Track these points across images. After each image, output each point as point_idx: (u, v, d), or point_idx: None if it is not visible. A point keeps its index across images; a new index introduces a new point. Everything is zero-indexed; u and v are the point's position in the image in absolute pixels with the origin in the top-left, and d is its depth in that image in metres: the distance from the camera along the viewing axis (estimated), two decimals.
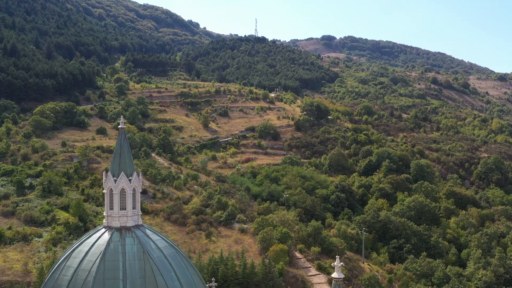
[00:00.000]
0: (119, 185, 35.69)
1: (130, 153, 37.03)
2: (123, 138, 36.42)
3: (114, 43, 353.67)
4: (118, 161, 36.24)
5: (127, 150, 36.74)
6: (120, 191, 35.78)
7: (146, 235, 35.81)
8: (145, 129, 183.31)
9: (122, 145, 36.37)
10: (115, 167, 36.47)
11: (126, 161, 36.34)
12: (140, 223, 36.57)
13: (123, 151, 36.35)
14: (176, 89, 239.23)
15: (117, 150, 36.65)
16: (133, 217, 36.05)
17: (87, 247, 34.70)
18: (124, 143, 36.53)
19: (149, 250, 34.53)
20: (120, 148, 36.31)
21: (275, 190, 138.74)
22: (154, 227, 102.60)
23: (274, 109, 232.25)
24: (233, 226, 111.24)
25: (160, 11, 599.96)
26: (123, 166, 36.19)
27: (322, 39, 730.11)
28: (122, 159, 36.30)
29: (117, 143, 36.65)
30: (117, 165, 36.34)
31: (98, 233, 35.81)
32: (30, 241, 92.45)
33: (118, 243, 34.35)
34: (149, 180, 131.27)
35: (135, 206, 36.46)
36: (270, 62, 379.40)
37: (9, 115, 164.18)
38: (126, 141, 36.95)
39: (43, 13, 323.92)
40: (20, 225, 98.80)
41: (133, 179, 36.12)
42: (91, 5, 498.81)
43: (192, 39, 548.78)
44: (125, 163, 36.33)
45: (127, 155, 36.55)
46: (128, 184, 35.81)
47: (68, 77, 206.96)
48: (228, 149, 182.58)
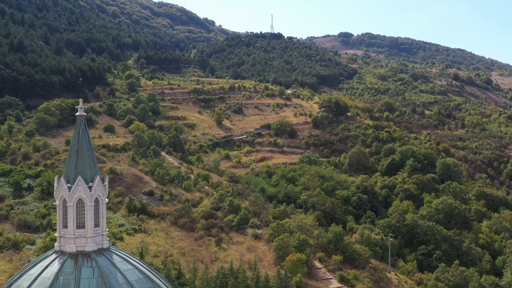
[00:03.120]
0: (75, 194, 26.45)
1: (92, 150, 27.77)
2: (81, 130, 27.23)
3: (127, 40, 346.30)
4: (75, 162, 27.08)
5: (88, 146, 27.51)
6: (76, 202, 26.41)
7: (112, 264, 26.39)
8: (156, 126, 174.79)
9: (81, 139, 27.19)
10: (70, 169, 27.30)
11: (86, 161, 27.09)
12: (105, 246, 27.20)
13: (81, 148, 27.13)
14: (189, 85, 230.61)
15: (73, 147, 27.49)
16: (95, 238, 26.76)
17: (28, 282, 25.30)
18: (83, 137, 27.34)
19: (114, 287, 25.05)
20: (77, 143, 27.12)
21: (292, 191, 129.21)
22: (160, 232, 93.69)
23: (291, 106, 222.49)
24: (246, 231, 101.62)
25: (175, 8, 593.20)
26: (81, 168, 26.96)
27: (339, 36, 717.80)
28: (80, 159, 27.07)
29: (74, 137, 27.54)
30: (73, 167, 27.15)
31: (46, 261, 26.50)
32: (21, 249, 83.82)
33: (70, 277, 25.09)
34: (156, 180, 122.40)
35: (98, 223, 27.10)
36: (286, 58, 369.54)
37: (13, 113, 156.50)
38: (87, 134, 27.76)
39: (55, 9, 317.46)
40: (13, 230, 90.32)
41: (94, 186, 26.80)
42: (105, 3, 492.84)
43: (207, 36, 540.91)
44: (84, 165, 27.09)
45: (87, 153, 27.28)
46: (88, 193, 26.53)
47: (77, 73, 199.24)
48: (242, 147, 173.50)
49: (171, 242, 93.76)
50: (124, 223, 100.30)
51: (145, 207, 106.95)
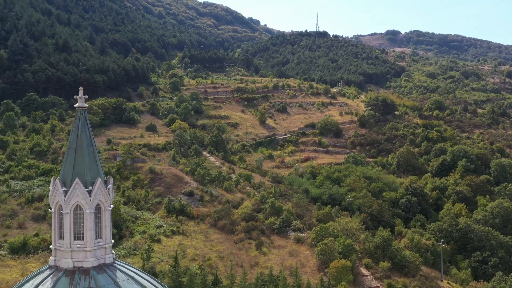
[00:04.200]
0: (72, 199, 22.64)
1: (93, 148, 23.87)
2: (81, 124, 23.36)
3: (172, 40, 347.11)
4: (72, 162, 23.20)
5: (88, 143, 23.62)
6: (74, 209, 22.55)
7: (115, 283, 22.40)
8: (198, 126, 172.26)
9: (80, 135, 23.32)
10: (67, 171, 23.46)
11: (85, 161, 23.19)
12: (108, 261, 23.26)
13: (80, 145, 23.25)
14: (233, 84, 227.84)
15: (71, 144, 23.67)
16: (96, 251, 22.85)
17: None
18: (83, 131, 23.42)
19: None
20: (76, 140, 23.25)
21: (337, 193, 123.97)
22: (199, 234, 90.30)
23: (336, 105, 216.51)
24: (288, 234, 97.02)
25: (220, 8, 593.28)
26: (80, 169, 23.09)
27: (386, 34, 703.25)
28: (79, 158, 23.19)
29: (72, 132, 23.69)
30: (70, 168, 23.29)
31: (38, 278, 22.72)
32: None
33: None
34: (197, 181, 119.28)
35: (100, 233, 23.16)
36: (332, 56, 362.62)
37: (56, 112, 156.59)
38: (88, 129, 23.87)
39: (101, 10, 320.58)
40: (49, 231, 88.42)
41: (95, 189, 22.89)
42: (151, 4, 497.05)
43: (252, 36, 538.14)
44: (83, 165, 23.19)
45: (87, 151, 23.37)
46: (87, 198, 22.64)
47: (120, 72, 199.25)
48: (286, 147, 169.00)
49: (210, 245, 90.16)
50: (163, 224, 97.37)
51: (184, 208, 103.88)
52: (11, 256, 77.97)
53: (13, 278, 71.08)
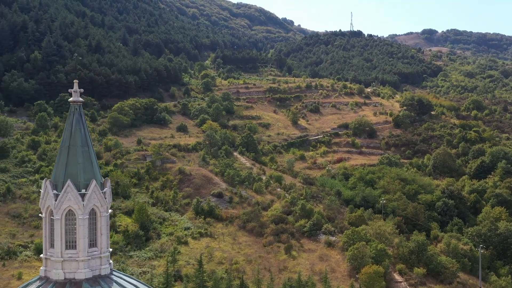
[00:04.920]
0: (63, 203, 20.59)
1: (89, 147, 21.79)
2: (76, 121, 21.31)
3: (205, 40, 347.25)
4: (64, 162, 21.10)
5: (83, 141, 21.55)
6: (65, 214, 20.49)
7: None
8: (229, 126, 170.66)
9: (74, 132, 21.23)
10: (59, 172, 21.47)
11: (79, 161, 21.16)
12: (104, 272, 21.16)
13: (74, 144, 21.17)
14: (265, 84, 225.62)
15: (64, 142, 21.60)
16: (89, 262, 20.81)
17: None
18: (77, 129, 21.34)
19: None
20: (69, 138, 21.11)
21: (370, 195, 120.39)
22: (227, 237, 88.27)
23: (370, 105, 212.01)
24: (318, 238, 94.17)
25: (253, 9, 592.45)
26: (73, 171, 21.07)
27: (422, 33, 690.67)
28: (72, 158, 21.15)
29: (66, 129, 21.63)
30: (62, 169, 21.27)
31: None
32: None
33: None
34: (226, 182, 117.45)
35: (95, 242, 21.05)
36: (366, 56, 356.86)
37: (88, 112, 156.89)
38: (82, 125, 21.79)
39: (135, 12, 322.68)
40: None
41: (89, 193, 20.78)
42: (185, 5, 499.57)
43: (286, 36, 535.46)
44: (76, 166, 21.15)
45: (81, 150, 21.30)
46: (79, 203, 20.51)
47: (152, 73, 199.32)
48: (318, 148, 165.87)
49: (238, 248, 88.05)
50: (190, 226, 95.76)
51: (212, 210, 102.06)
52: (37, 257, 77.34)
53: None
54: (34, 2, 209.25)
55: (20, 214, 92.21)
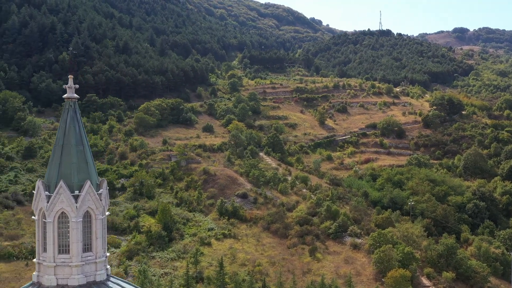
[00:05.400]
0: (56, 205, 19.47)
1: (84, 145, 20.64)
2: (70, 118, 20.22)
3: (233, 41, 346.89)
4: (58, 162, 19.97)
5: (77, 140, 20.44)
6: (58, 217, 19.38)
7: None
8: (255, 126, 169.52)
9: (68, 130, 20.12)
10: (52, 172, 20.35)
11: (73, 161, 19.99)
12: (99, 278, 19.99)
13: (68, 142, 20.04)
14: (292, 84, 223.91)
15: (58, 141, 20.49)
16: (83, 267, 19.67)
17: None
18: (71, 127, 20.22)
19: None
20: (63, 136, 20.00)
21: (398, 196, 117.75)
22: (251, 238, 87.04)
23: (399, 104, 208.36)
24: (344, 240, 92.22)
25: (281, 9, 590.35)
26: (66, 171, 19.96)
27: (453, 31, 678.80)
28: (65, 158, 20.04)
29: (60, 128, 20.55)
30: (55, 169, 20.13)
31: None
32: None
33: None
34: (251, 182, 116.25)
35: (90, 246, 19.91)
36: (395, 55, 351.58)
37: (115, 113, 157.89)
38: (77, 123, 20.67)
39: (163, 13, 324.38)
40: None
41: (83, 194, 19.61)
42: (213, 6, 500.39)
43: (314, 36, 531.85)
44: (70, 166, 20.02)
45: (76, 149, 20.19)
46: (72, 205, 19.37)
47: (179, 73, 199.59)
48: (346, 148, 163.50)
49: (261, 250, 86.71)
50: (214, 227, 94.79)
51: (237, 211, 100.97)
52: None
53: None
54: (63, 4, 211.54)
55: None
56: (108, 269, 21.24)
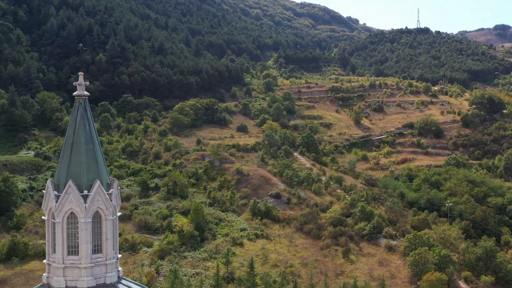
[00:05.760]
0: (65, 205, 18.92)
1: (94, 144, 20.07)
2: (80, 116, 19.63)
3: (268, 40, 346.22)
4: (67, 161, 19.42)
5: (87, 138, 19.88)
6: (67, 217, 18.84)
7: None
8: (290, 126, 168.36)
9: (77, 129, 19.54)
10: (61, 172, 19.81)
11: (82, 160, 19.43)
12: (110, 280, 19.40)
13: (77, 141, 19.47)
14: (327, 84, 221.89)
15: (67, 139, 19.95)
16: (93, 269, 19.07)
17: None
18: (81, 125, 19.66)
19: None
20: (73, 134, 19.44)
21: (436, 197, 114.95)
22: (283, 238, 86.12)
23: (437, 103, 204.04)
24: (378, 241, 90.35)
25: (317, 8, 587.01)
26: (75, 170, 19.43)
27: (494, 29, 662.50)
28: (75, 157, 19.48)
29: (70, 126, 19.97)
30: (64, 169, 19.57)
31: None
32: (138, 251, 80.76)
33: None
34: (284, 182, 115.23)
35: (100, 247, 19.31)
36: (434, 53, 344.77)
37: (150, 113, 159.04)
38: (88, 121, 20.09)
39: (198, 13, 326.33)
40: (133, 231, 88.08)
41: (92, 194, 19.04)
42: (249, 6, 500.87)
43: (350, 35, 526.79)
44: (80, 165, 19.49)
45: (85, 148, 19.61)
46: (81, 205, 18.81)
47: (214, 74, 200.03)
48: (382, 148, 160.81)
49: (294, 251, 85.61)
50: (246, 227, 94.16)
51: (269, 211, 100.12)
52: None
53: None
54: (99, 6, 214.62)
55: None
56: (119, 271, 20.66)
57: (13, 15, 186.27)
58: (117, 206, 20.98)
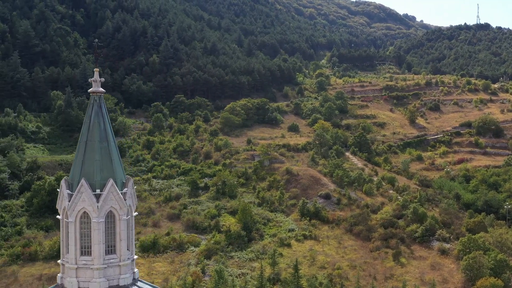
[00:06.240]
0: (77, 205, 18.55)
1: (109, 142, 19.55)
2: (94, 113, 19.24)
3: (321, 40, 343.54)
4: (81, 159, 19.09)
5: (102, 136, 19.42)
6: (80, 217, 18.47)
7: None
8: (342, 126, 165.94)
9: (92, 126, 19.12)
10: (75, 170, 19.49)
11: (96, 158, 19.01)
12: (124, 282, 18.89)
13: (91, 139, 19.10)
14: (381, 82, 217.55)
15: (82, 137, 19.56)
16: (106, 270, 18.57)
17: None
18: (95, 122, 19.27)
19: None
20: (87, 132, 19.07)
21: (494, 199, 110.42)
22: (332, 240, 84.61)
23: (497, 101, 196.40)
24: (431, 245, 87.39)
25: (372, 6, 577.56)
26: (89, 169, 19.04)
27: None
28: (89, 155, 19.07)
29: (84, 123, 19.56)
30: (78, 167, 19.20)
31: None
32: (185, 251, 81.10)
33: None
34: (335, 183, 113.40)
35: (114, 248, 18.82)
36: (494, 50, 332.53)
37: (201, 113, 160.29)
38: (103, 118, 19.67)
39: (251, 14, 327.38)
40: (181, 230, 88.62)
41: (105, 193, 18.58)
42: (302, 5, 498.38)
43: (407, 32, 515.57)
44: (93, 163, 19.05)
45: (99, 146, 19.17)
46: (93, 204, 18.38)
47: (266, 73, 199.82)
48: (437, 148, 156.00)
49: (342, 253, 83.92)
50: (295, 228, 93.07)
51: (319, 211, 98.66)
52: (141, 254, 78.72)
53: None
54: (154, 8, 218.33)
55: None
56: (135, 273, 20.23)
57: (71, 19, 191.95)
58: (133, 206, 20.55)
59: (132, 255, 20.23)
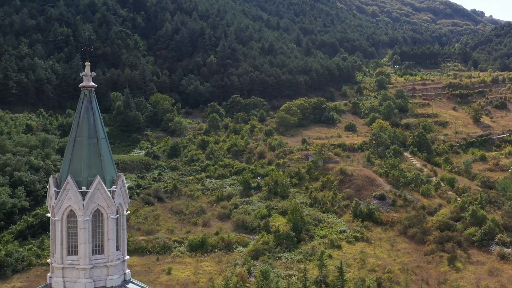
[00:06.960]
0: (63, 202, 18.08)
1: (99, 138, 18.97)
2: (84, 109, 18.72)
3: (383, 37, 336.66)
4: (69, 155, 18.61)
5: (91, 132, 18.89)
6: (66, 215, 18.01)
7: None
8: (401, 125, 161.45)
9: (81, 122, 18.63)
10: (63, 167, 19.00)
11: (84, 155, 18.48)
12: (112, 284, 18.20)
13: (80, 135, 18.58)
14: (444, 80, 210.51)
15: (71, 133, 19.09)
16: (92, 271, 18.00)
17: None
18: (85, 118, 18.74)
19: None
20: (76, 128, 18.59)
21: None
22: (384, 242, 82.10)
23: None
24: (490, 249, 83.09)
25: (438, 2, 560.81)
26: (76, 166, 18.57)
27: None
28: (77, 152, 18.60)
29: (74, 119, 19.11)
30: (66, 163, 18.78)
31: None
32: (233, 251, 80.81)
33: None
34: (390, 183, 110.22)
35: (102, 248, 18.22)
36: None
37: (257, 113, 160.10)
38: (92, 114, 19.12)
39: (311, 13, 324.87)
40: (230, 230, 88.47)
41: (91, 191, 18.01)
42: (365, 3, 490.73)
43: (474, 28, 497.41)
44: (81, 160, 18.55)
45: (88, 142, 18.61)
46: (80, 202, 17.85)
47: (324, 72, 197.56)
48: (503, 147, 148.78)
49: (395, 256, 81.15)
50: (346, 229, 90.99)
51: (372, 213, 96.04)
52: (189, 254, 79.07)
53: (184, 276, 71.48)
54: (212, 10, 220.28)
55: (181, 210, 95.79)
56: (126, 274, 19.67)
57: (132, 21, 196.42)
58: (124, 205, 20.01)
59: (124, 256, 19.72)
